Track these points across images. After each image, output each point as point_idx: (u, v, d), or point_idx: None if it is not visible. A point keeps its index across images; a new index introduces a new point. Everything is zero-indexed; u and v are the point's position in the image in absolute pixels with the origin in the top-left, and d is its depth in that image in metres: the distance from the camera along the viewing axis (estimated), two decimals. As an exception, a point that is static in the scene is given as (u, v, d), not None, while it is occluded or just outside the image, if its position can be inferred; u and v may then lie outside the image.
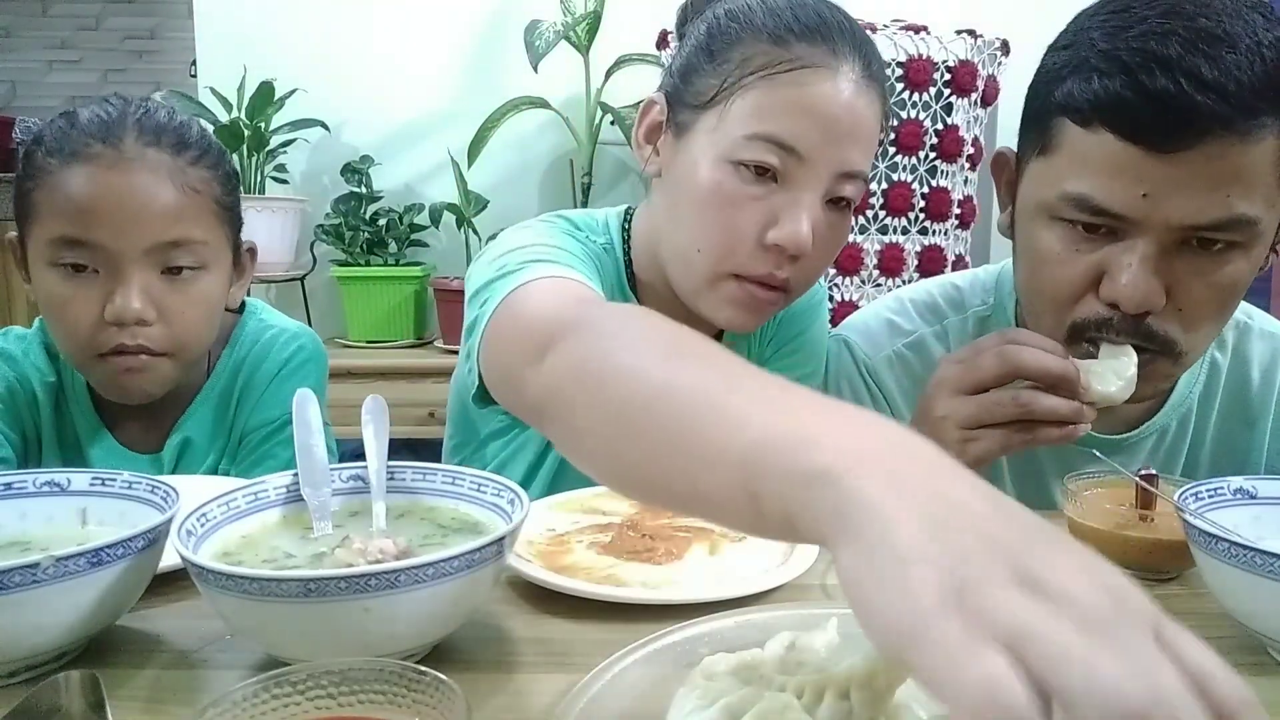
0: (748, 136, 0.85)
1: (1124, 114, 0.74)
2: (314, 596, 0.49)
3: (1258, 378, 1.01)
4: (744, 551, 0.74)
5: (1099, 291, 0.81)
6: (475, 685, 0.52)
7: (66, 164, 0.89)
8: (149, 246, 0.90)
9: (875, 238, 2.19)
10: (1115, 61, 0.75)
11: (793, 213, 0.85)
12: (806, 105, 0.84)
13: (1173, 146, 0.73)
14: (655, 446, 0.45)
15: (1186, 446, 1.01)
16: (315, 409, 0.74)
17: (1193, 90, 0.71)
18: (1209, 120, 0.71)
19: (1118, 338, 0.81)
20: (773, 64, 0.85)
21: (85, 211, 0.88)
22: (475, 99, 2.49)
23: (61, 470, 0.67)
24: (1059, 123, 0.80)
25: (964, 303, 1.05)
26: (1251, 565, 0.56)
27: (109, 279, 0.90)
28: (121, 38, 3.75)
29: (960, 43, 2.12)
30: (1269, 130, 0.73)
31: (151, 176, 0.90)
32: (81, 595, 0.53)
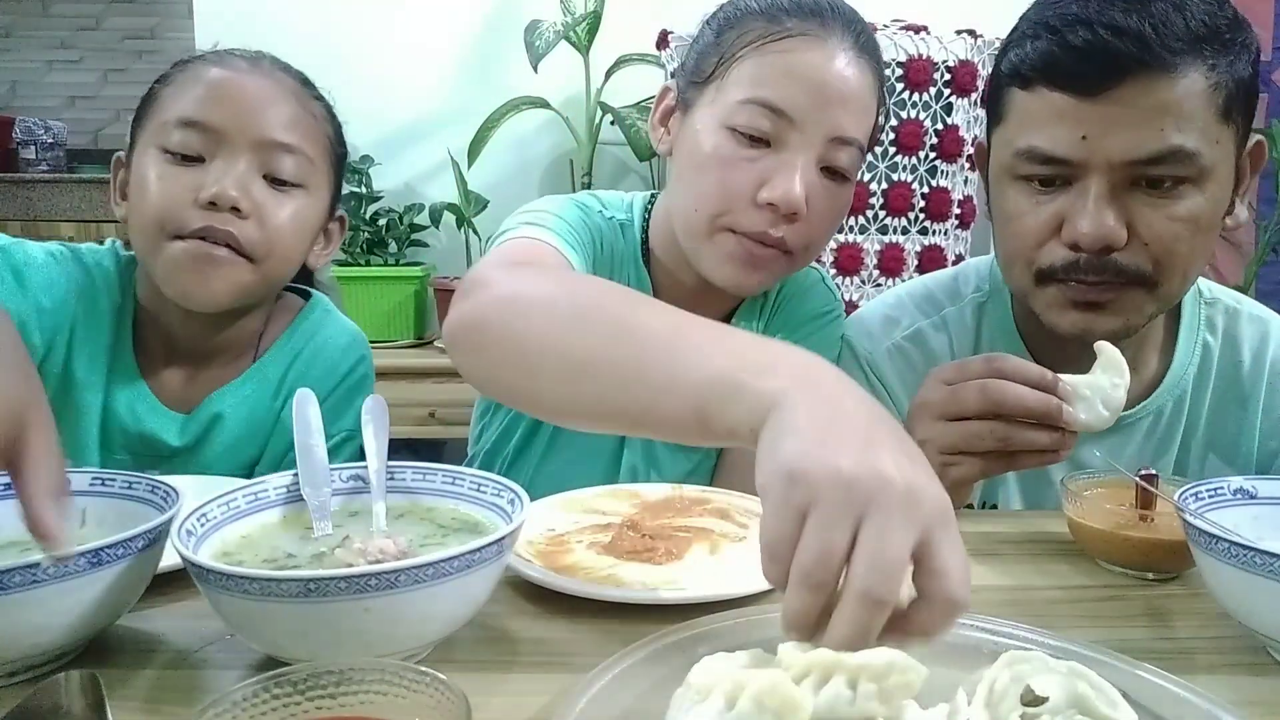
0: (741, 102, 0.90)
1: (1054, 68, 0.83)
2: (314, 596, 0.49)
3: (1248, 359, 1.03)
4: (744, 551, 0.74)
5: (1061, 237, 0.86)
6: (475, 685, 0.52)
7: (203, 66, 0.94)
8: (261, 139, 0.92)
9: (875, 238, 2.19)
10: (1043, 26, 0.84)
11: (785, 173, 0.89)
12: (796, 71, 0.89)
13: (1099, 89, 0.81)
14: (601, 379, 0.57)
15: (1182, 427, 1.02)
16: (315, 409, 0.74)
17: (1110, 37, 0.80)
18: (1128, 62, 0.79)
19: (1089, 277, 0.86)
20: (765, 36, 0.91)
21: (208, 96, 0.92)
22: (475, 99, 2.50)
23: (61, 470, 0.67)
24: (1007, 92, 0.89)
25: (960, 292, 1.08)
26: (1251, 565, 0.56)
27: (214, 169, 0.90)
28: (121, 38, 3.74)
29: (960, 43, 2.12)
30: (1193, 69, 0.80)
31: (279, 88, 0.96)
32: (81, 595, 0.53)
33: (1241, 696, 0.54)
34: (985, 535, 0.85)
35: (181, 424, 0.99)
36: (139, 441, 0.98)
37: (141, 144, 0.94)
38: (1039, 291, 0.90)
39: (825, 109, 0.89)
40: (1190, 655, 0.61)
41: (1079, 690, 0.46)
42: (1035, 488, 1.03)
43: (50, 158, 3.49)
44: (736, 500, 0.85)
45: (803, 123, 0.89)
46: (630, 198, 1.07)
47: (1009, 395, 0.78)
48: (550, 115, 2.48)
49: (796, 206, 0.89)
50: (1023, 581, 0.74)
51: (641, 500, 0.85)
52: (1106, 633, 0.63)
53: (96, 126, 3.78)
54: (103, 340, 0.97)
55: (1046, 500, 1.01)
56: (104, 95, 3.77)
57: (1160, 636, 0.64)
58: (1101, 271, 0.85)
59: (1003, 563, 0.78)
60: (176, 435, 0.99)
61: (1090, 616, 0.68)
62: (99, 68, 3.77)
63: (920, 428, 0.84)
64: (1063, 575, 0.75)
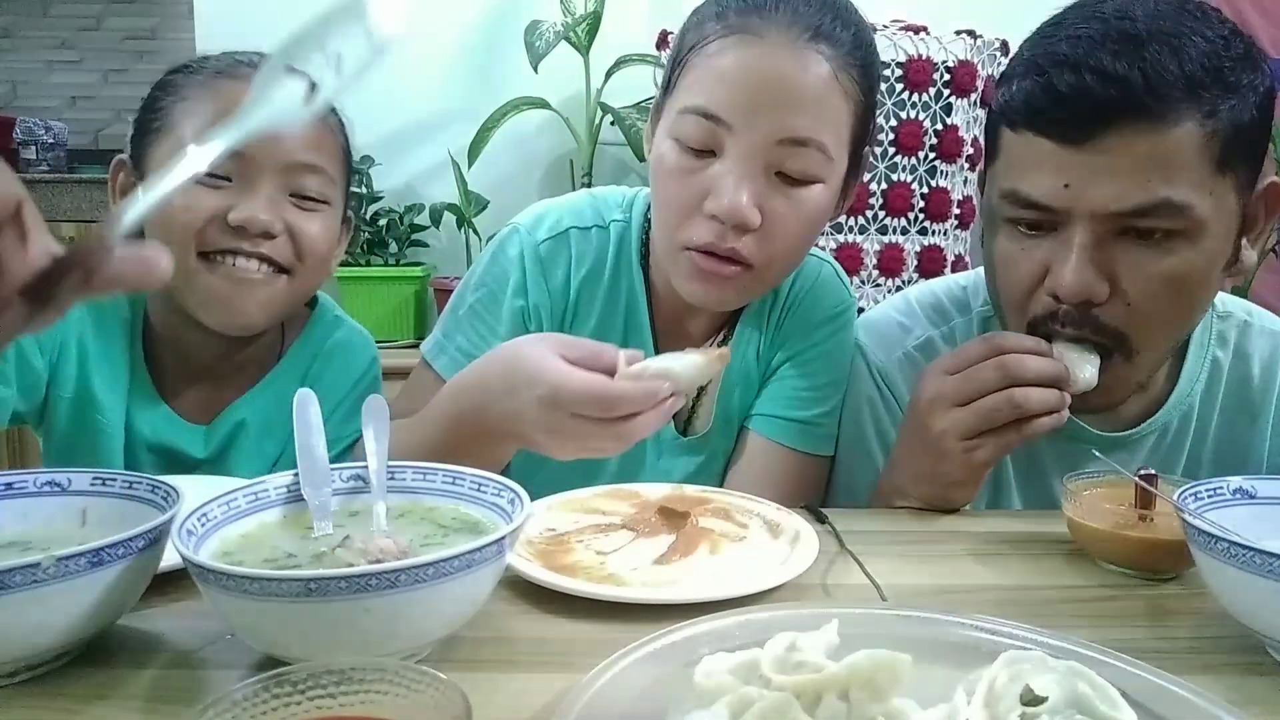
0: (680, 111, 0.88)
1: (1038, 112, 0.80)
2: (314, 596, 0.49)
3: (1258, 374, 1.02)
4: (744, 551, 0.74)
5: (1045, 285, 0.85)
6: (475, 685, 0.52)
7: (216, 80, 0.92)
8: (287, 162, 0.92)
9: (875, 238, 2.19)
10: (1033, 66, 0.81)
11: (726, 182, 0.85)
12: (728, 74, 0.85)
13: (1083, 137, 0.78)
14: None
15: (1188, 444, 1.01)
16: (315, 409, 0.74)
17: (1096, 84, 0.76)
18: (1116, 110, 0.76)
19: (1065, 330, 0.84)
20: (702, 39, 0.87)
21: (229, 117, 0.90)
22: (475, 99, 2.49)
23: (62, 470, 0.67)
24: (999, 131, 0.86)
25: (968, 304, 1.07)
26: (1251, 565, 0.56)
27: (240, 190, 0.91)
28: (122, 38, 3.74)
29: (960, 43, 2.12)
30: (1187, 118, 0.76)
31: None
32: (82, 595, 0.53)
33: (1241, 696, 0.54)
34: (985, 535, 0.85)
35: (204, 436, 1.00)
36: (164, 457, 0.99)
37: (156, 160, 0.93)
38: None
39: (765, 111, 0.84)
40: (1190, 655, 0.61)
41: (1078, 690, 0.46)
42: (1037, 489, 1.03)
43: (51, 158, 3.49)
44: (736, 500, 0.85)
45: (740, 127, 0.85)
46: (632, 195, 1.06)
47: (1028, 366, 0.81)
48: (550, 115, 2.47)
49: (740, 218, 0.85)
50: (1023, 581, 0.74)
51: (642, 500, 0.85)
52: (1106, 632, 0.63)
53: (97, 127, 3.78)
54: (119, 359, 0.98)
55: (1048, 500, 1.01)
56: (104, 95, 3.77)
57: (1160, 636, 0.64)
58: (1080, 325, 0.83)
59: (1003, 563, 0.78)
60: (200, 448, 0.99)
61: (1090, 616, 0.68)
62: (99, 68, 3.77)
63: (937, 420, 0.84)
64: (1063, 575, 0.75)
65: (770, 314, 1.05)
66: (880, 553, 0.78)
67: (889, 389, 1.04)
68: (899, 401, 1.04)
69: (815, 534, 0.76)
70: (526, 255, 1.00)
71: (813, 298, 1.05)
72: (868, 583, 0.71)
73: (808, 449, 1.02)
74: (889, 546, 0.81)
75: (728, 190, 0.85)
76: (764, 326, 1.05)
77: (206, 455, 1.00)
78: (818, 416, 1.02)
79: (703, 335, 1.05)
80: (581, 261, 1.01)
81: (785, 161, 0.86)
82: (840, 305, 1.05)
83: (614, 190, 1.07)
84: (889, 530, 0.87)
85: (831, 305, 1.05)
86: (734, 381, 1.04)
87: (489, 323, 1.00)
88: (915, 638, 0.54)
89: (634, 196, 1.06)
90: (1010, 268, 0.87)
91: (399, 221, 2.47)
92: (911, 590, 0.71)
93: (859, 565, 0.74)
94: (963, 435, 0.83)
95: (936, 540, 0.84)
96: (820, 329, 1.04)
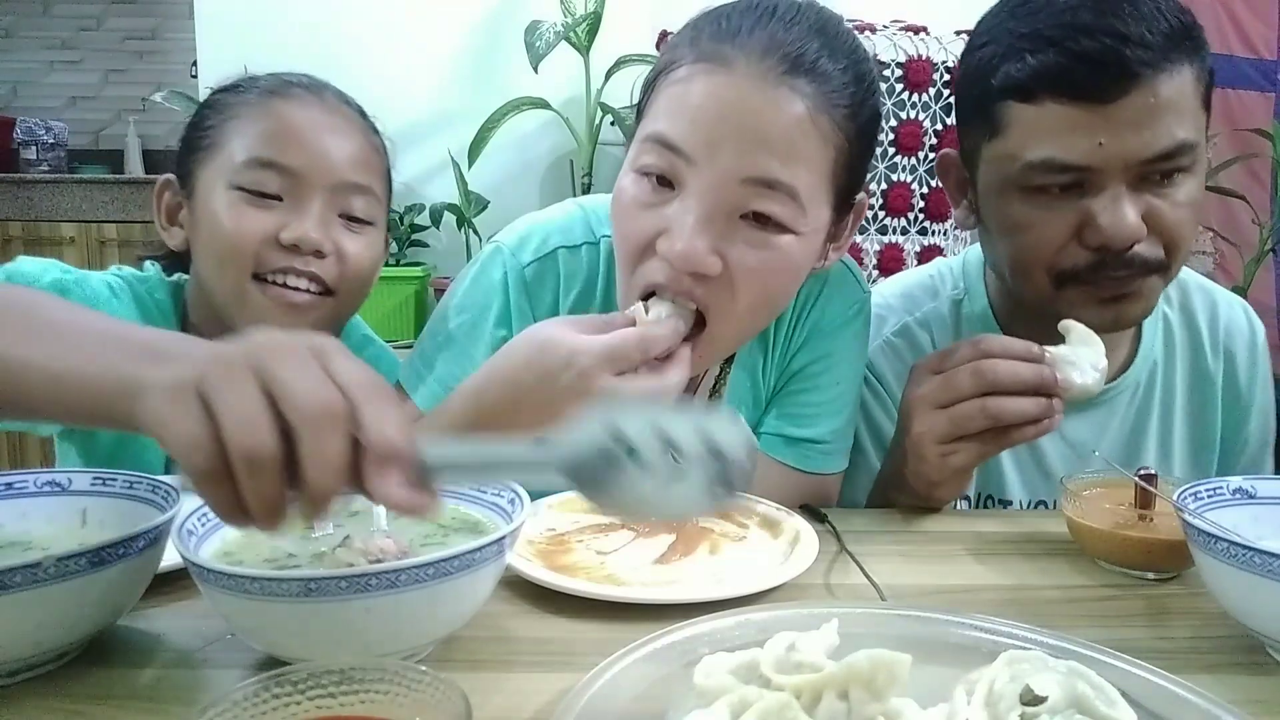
0: (641, 140, 0.80)
1: (1065, 79, 0.84)
2: (314, 596, 0.49)
3: (1205, 330, 1.09)
4: (744, 551, 0.74)
5: (1083, 241, 0.87)
6: (475, 685, 0.52)
7: (266, 99, 0.94)
8: (337, 182, 0.93)
9: (875, 238, 2.20)
10: (1041, 40, 0.85)
11: (683, 221, 0.76)
12: (690, 102, 0.77)
13: (1113, 96, 0.82)
14: None
15: (1158, 395, 1.07)
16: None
17: (1117, 45, 0.82)
18: (1137, 67, 0.82)
19: (1117, 273, 0.88)
20: (669, 64, 0.80)
21: (285, 136, 0.92)
22: (475, 99, 2.50)
23: (62, 470, 0.67)
24: (1003, 106, 0.88)
25: (938, 290, 1.10)
26: (1250, 565, 0.56)
27: (291, 209, 0.91)
28: (122, 38, 3.74)
29: (960, 43, 2.12)
30: (1183, 65, 0.84)
31: (348, 125, 0.96)
32: (82, 595, 0.53)
33: (1241, 696, 0.54)
34: (985, 535, 0.85)
35: None
36: None
37: (206, 178, 0.93)
38: (1059, 294, 0.91)
39: (727, 146, 0.75)
40: (1189, 655, 0.61)
41: (1078, 690, 0.46)
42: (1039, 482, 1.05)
43: (51, 158, 3.50)
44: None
45: (700, 161, 0.76)
46: None
47: (1002, 372, 0.80)
48: (550, 115, 2.48)
49: (695, 264, 0.76)
50: (1023, 581, 0.74)
51: (641, 500, 0.84)
52: (1106, 632, 0.63)
53: (97, 127, 3.78)
54: None
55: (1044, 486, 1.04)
56: (105, 95, 3.77)
57: (1159, 636, 0.64)
58: (1129, 266, 0.87)
59: (1003, 563, 0.78)
60: None
61: (1090, 616, 0.68)
62: (100, 68, 3.77)
63: (916, 421, 0.85)
64: (1063, 575, 0.75)
65: (777, 330, 0.97)
66: (880, 553, 0.78)
67: (875, 378, 1.06)
68: (885, 387, 1.06)
69: (815, 534, 0.76)
70: (511, 281, 0.92)
71: (825, 303, 0.97)
72: (867, 583, 0.71)
73: (817, 470, 0.96)
74: (889, 546, 0.81)
75: (683, 231, 0.76)
76: (770, 345, 0.97)
77: None
78: (827, 434, 0.96)
79: None
80: (571, 283, 0.93)
81: (750, 203, 0.77)
82: (854, 306, 0.98)
83: (604, 200, 0.95)
84: (889, 530, 0.87)
85: (845, 307, 0.97)
86: (734, 403, 0.97)
87: (469, 352, 0.92)
88: (915, 638, 0.54)
89: None
90: (1039, 229, 0.89)
91: (399, 222, 2.47)
92: (911, 590, 0.71)
93: (858, 565, 0.74)
94: (938, 440, 0.83)
95: (936, 540, 0.84)
96: (833, 336, 0.97)
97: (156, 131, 3.72)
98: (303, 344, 0.46)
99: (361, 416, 0.44)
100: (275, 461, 0.43)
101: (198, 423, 0.43)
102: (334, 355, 0.46)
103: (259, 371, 0.44)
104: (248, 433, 0.42)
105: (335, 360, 0.45)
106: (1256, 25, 2.68)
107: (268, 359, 0.44)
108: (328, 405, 0.44)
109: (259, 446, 0.43)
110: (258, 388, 0.43)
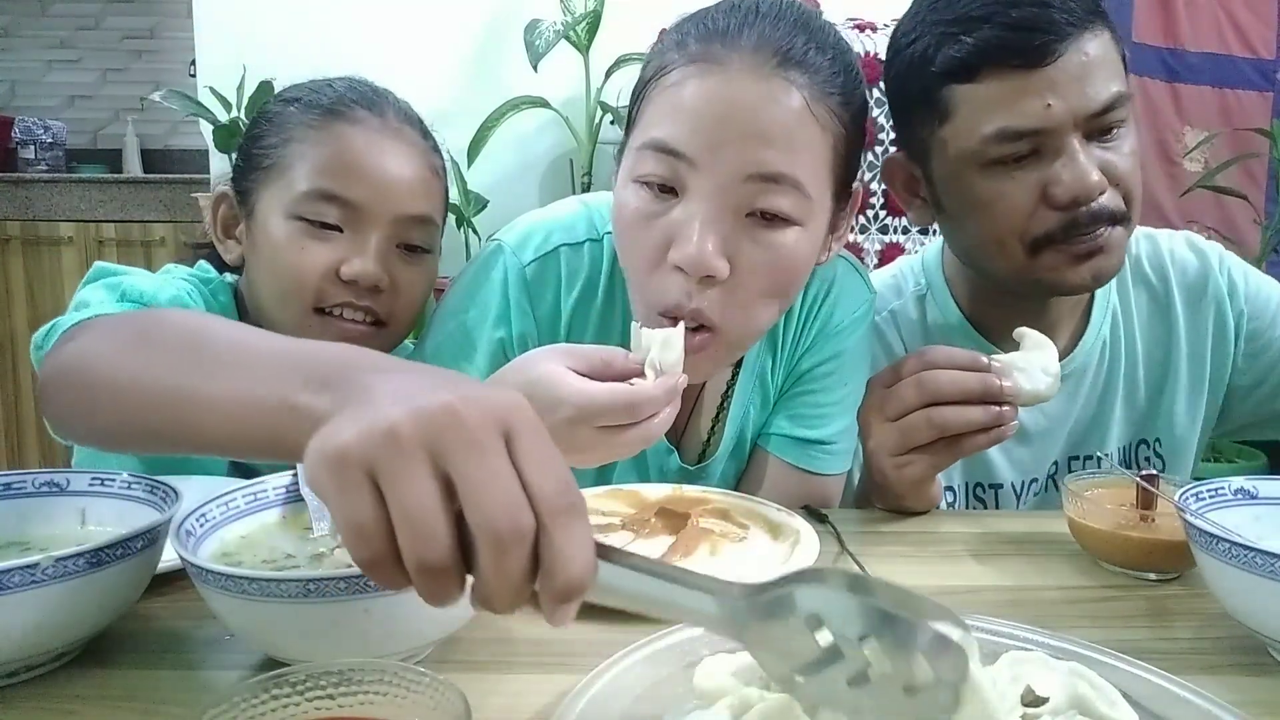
0: (639, 148, 0.79)
1: (1004, 49, 0.88)
2: (314, 597, 0.49)
3: (1153, 274, 1.11)
4: (744, 552, 0.74)
5: (1050, 202, 0.89)
6: (474, 686, 0.52)
7: (328, 122, 0.92)
8: (398, 215, 0.92)
9: (875, 237, 2.20)
10: (971, 20, 0.89)
11: (689, 226, 0.76)
12: (688, 105, 0.77)
13: (1050, 57, 0.86)
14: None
15: (1124, 351, 1.08)
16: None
17: (1043, 9, 0.86)
18: (1066, 27, 0.87)
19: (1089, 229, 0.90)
20: (660, 69, 0.80)
21: (349, 168, 0.90)
22: (475, 99, 2.49)
23: (61, 470, 0.67)
24: (948, 90, 0.91)
25: (901, 288, 1.11)
26: (1252, 565, 0.56)
27: (351, 241, 0.91)
28: (121, 37, 3.73)
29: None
30: (1100, 26, 0.89)
31: (410, 150, 0.95)
32: (81, 595, 0.53)
33: (1242, 697, 0.54)
34: (985, 535, 0.85)
35: None
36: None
37: (266, 200, 0.93)
38: (1035, 261, 0.93)
39: (730, 144, 0.75)
40: (1191, 655, 0.61)
41: (1079, 690, 0.46)
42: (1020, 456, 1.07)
43: (49, 157, 3.49)
44: (736, 500, 0.85)
45: (703, 163, 0.76)
46: None
47: (942, 382, 0.81)
48: (550, 115, 2.47)
49: (706, 268, 0.75)
50: (1023, 581, 0.74)
51: (641, 501, 0.85)
52: (1107, 633, 0.63)
53: (96, 126, 3.77)
54: None
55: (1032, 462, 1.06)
56: (103, 95, 3.77)
57: (1161, 637, 0.64)
58: (1097, 219, 0.90)
59: (1004, 563, 0.78)
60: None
61: (1090, 616, 0.68)
62: (98, 67, 3.76)
63: (869, 435, 0.86)
64: (1063, 575, 0.75)
65: (785, 331, 0.97)
66: (881, 553, 0.78)
67: None
68: None
69: (816, 535, 0.76)
70: (511, 280, 0.91)
71: (832, 304, 0.97)
72: (868, 583, 0.70)
73: (822, 470, 0.97)
74: (890, 547, 0.81)
75: (691, 236, 0.75)
76: (779, 346, 0.98)
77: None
78: (833, 434, 0.96)
79: None
80: (573, 282, 0.92)
81: (756, 200, 0.77)
82: (860, 306, 0.98)
83: (607, 197, 0.94)
84: (889, 531, 0.87)
85: (852, 308, 0.97)
86: (738, 410, 0.98)
87: (468, 354, 0.92)
88: (916, 638, 0.54)
89: None
90: (1007, 200, 0.91)
91: (398, 221, 2.47)
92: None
93: (859, 566, 0.74)
94: (891, 453, 0.84)
95: (937, 541, 0.84)
96: (842, 337, 0.97)
97: (155, 131, 3.72)
98: (490, 420, 0.39)
99: (551, 542, 0.38)
100: (448, 570, 0.38)
101: (365, 512, 0.38)
102: (524, 440, 0.39)
103: (438, 458, 0.38)
104: (423, 544, 0.37)
105: (526, 456, 0.39)
106: (1255, 25, 2.68)
107: (450, 445, 0.38)
108: (516, 526, 0.38)
109: (436, 560, 0.38)
110: (436, 482, 0.38)
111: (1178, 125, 2.70)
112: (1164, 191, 2.67)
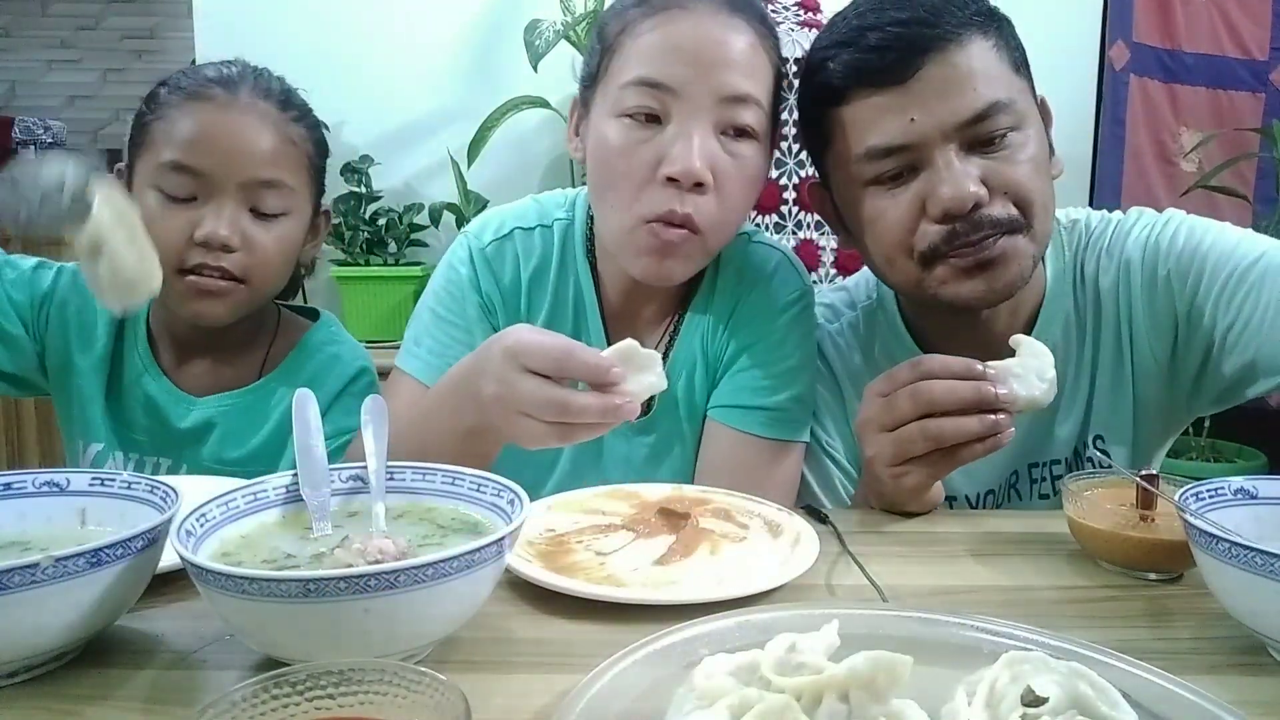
0: (623, 86, 0.92)
1: (863, 71, 0.91)
2: (314, 597, 0.49)
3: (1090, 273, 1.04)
4: (744, 552, 0.74)
5: (929, 215, 0.90)
6: (475, 685, 0.52)
7: (186, 101, 1.01)
8: (244, 180, 1.01)
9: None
10: (834, 47, 0.94)
11: (680, 143, 0.90)
12: (668, 43, 0.91)
13: (908, 74, 0.89)
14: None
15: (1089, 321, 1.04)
16: (315, 409, 0.74)
17: (900, 30, 0.89)
18: (925, 44, 0.88)
19: (971, 237, 0.89)
20: (635, 20, 0.93)
21: (195, 142, 1.00)
22: (475, 99, 2.49)
23: (61, 470, 0.67)
24: (825, 115, 0.95)
25: (853, 301, 1.14)
26: (1252, 565, 0.56)
27: (204, 207, 1.00)
28: (121, 37, 3.74)
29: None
30: (977, 35, 0.90)
31: (258, 122, 1.03)
32: (81, 595, 0.53)
33: (1242, 696, 0.54)
34: (986, 535, 0.85)
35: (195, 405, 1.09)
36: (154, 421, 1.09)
37: (140, 176, 1.02)
38: (928, 275, 0.93)
39: (707, 72, 0.90)
40: (1191, 656, 0.61)
41: (1079, 691, 0.46)
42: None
43: (49, 157, 3.49)
44: (737, 500, 0.85)
45: (686, 91, 0.90)
46: (574, 194, 1.10)
47: (938, 392, 0.81)
48: (550, 115, 2.47)
49: (698, 175, 0.89)
50: (1023, 581, 0.74)
51: (642, 501, 0.85)
52: (1107, 633, 0.63)
53: (96, 126, 3.78)
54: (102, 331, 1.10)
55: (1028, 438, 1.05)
56: (103, 95, 3.77)
57: (1161, 637, 0.64)
58: (979, 228, 0.89)
59: (1003, 563, 0.78)
60: (184, 418, 1.09)
61: (1090, 616, 0.68)
62: (98, 67, 3.77)
63: (866, 445, 0.86)
64: (1064, 575, 0.75)
65: (721, 302, 1.06)
66: (881, 553, 0.78)
67: None
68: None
69: (816, 535, 0.76)
70: (476, 258, 1.05)
71: (766, 286, 1.06)
72: (868, 583, 0.70)
73: (776, 435, 1.01)
74: (890, 547, 0.81)
75: (683, 151, 0.89)
76: (712, 313, 1.06)
77: (189, 426, 1.09)
78: (784, 402, 1.02)
79: (652, 323, 1.07)
80: (528, 258, 1.06)
81: (730, 117, 0.91)
82: (795, 292, 1.06)
83: (556, 193, 1.13)
84: (890, 531, 0.87)
85: (786, 293, 1.06)
86: (680, 367, 1.05)
87: (456, 322, 1.04)
88: (916, 638, 0.54)
89: (575, 196, 1.10)
90: (888, 216, 0.93)
91: (398, 221, 2.47)
92: (912, 591, 0.71)
93: (859, 566, 0.74)
94: (887, 463, 0.84)
95: (937, 540, 0.84)
96: (775, 318, 1.05)
97: (155, 131, 3.71)
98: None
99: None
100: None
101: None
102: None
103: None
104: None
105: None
106: (1248, 25, 2.68)
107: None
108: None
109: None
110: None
111: (1174, 126, 2.71)
112: (1162, 191, 2.67)
